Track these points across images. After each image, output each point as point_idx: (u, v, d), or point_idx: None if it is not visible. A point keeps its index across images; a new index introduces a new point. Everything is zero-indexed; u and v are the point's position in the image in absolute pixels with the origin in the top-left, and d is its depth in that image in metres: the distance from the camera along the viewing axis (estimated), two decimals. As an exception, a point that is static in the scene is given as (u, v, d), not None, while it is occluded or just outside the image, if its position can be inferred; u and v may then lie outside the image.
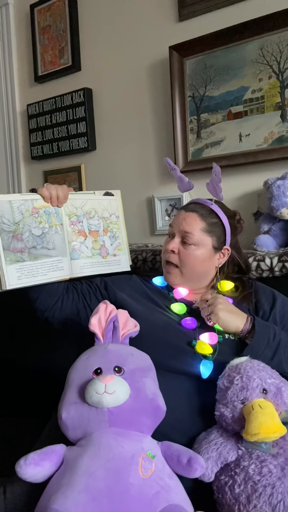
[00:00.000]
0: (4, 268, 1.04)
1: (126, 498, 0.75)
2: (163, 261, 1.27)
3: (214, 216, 1.23)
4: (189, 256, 1.20)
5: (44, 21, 2.24)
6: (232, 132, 1.71)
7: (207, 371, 1.04)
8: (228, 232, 1.24)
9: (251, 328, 1.07)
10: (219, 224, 1.23)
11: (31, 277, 1.08)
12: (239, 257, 1.31)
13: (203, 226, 1.20)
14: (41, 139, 2.31)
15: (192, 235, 1.19)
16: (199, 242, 1.20)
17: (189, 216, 1.22)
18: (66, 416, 0.87)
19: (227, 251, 1.26)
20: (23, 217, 1.08)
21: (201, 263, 1.21)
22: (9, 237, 1.06)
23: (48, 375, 1.41)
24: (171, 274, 1.23)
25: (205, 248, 1.21)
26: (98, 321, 1.00)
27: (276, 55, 1.58)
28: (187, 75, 1.79)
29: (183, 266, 1.21)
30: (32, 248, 1.09)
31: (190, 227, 1.20)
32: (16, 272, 1.06)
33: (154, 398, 0.89)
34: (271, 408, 0.90)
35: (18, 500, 0.93)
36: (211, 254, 1.22)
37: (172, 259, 1.22)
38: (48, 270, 1.11)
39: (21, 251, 1.07)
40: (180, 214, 1.25)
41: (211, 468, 0.89)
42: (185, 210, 1.25)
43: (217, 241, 1.22)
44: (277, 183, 1.52)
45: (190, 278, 1.23)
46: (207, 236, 1.21)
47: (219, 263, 1.26)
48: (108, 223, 1.24)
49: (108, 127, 2.10)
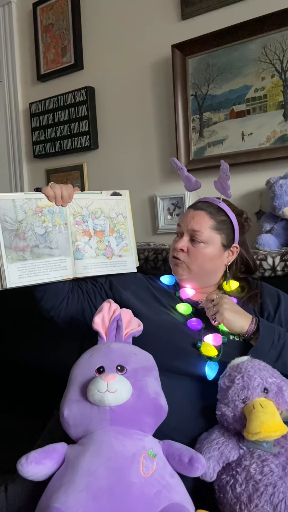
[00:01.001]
0: (5, 266, 1.04)
1: (127, 496, 0.75)
2: (170, 257, 1.27)
3: (222, 214, 1.23)
4: (199, 254, 1.20)
5: (47, 19, 2.24)
6: (234, 131, 1.71)
7: (212, 373, 1.04)
8: (236, 229, 1.24)
9: (256, 329, 1.07)
10: (227, 221, 1.23)
11: (32, 276, 1.08)
12: (247, 256, 1.31)
13: (212, 224, 1.21)
14: (43, 137, 2.31)
15: (201, 233, 1.19)
16: (208, 240, 1.20)
17: (198, 214, 1.22)
18: (68, 414, 0.87)
19: (236, 249, 1.26)
20: (26, 216, 1.08)
21: (210, 261, 1.21)
22: (11, 236, 1.05)
23: (50, 373, 1.41)
24: (180, 267, 1.23)
25: (214, 246, 1.21)
26: (101, 320, 1.00)
27: (279, 54, 1.58)
28: (189, 74, 1.78)
29: (191, 263, 1.21)
30: (35, 247, 1.09)
31: (198, 225, 1.20)
32: (18, 270, 1.05)
33: (156, 398, 0.89)
34: (272, 407, 0.90)
35: (19, 498, 0.93)
36: (220, 252, 1.22)
37: (181, 257, 1.22)
38: (50, 270, 1.10)
39: (23, 250, 1.07)
40: (188, 213, 1.25)
41: (213, 468, 0.89)
42: (193, 209, 1.25)
43: (226, 239, 1.23)
44: (280, 182, 1.52)
45: (198, 276, 1.23)
46: (216, 234, 1.21)
47: (228, 261, 1.26)
48: (114, 223, 1.23)
49: (111, 126, 2.09)
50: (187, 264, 1.22)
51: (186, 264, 1.22)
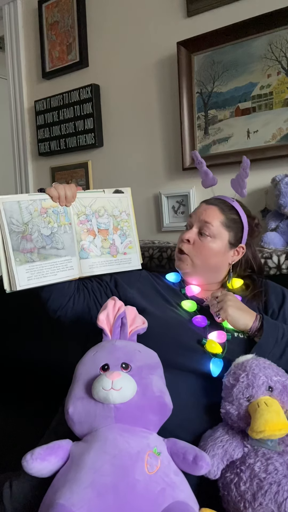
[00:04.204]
0: (14, 269, 1.04)
1: (132, 494, 0.75)
2: (176, 250, 1.28)
3: (234, 213, 1.24)
4: (204, 247, 1.21)
5: (52, 17, 2.24)
6: (240, 129, 1.70)
7: (217, 369, 1.04)
8: (246, 230, 1.25)
9: (260, 326, 1.07)
10: (238, 221, 1.24)
11: (41, 277, 1.08)
12: (253, 259, 1.31)
13: (222, 219, 1.22)
14: (48, 135, 2.31)
15: (211, 225, 1.20)
16: (216, 234, 1.21)
17: (210, 208, 1.24)
18: (72, 411, 0.87)
19: (242, 249, 1.26)
20: (31, 217, 1.08)
21: (214, 256, 1.22)
22: (19, 238, 1.06)
23: (55, 370, 1.41)
24: (183, 261, 1.24)
25: (221, 241, 1.21)
26: (106, 317, 1.00)
27: (285, 51, 1.57)
28: (195, 71, 1.78)
29: (195, 256, 1.22)
30: (42, 248, 1.09)
31: (210, 218, 1.21)
32: (26, 272, 1.06)
33: (160, 396, 0.89)
34: (277, 405, 0.89)
35: (24, 494, 0.93)
36: (226, 249, 1.23)
37: (185, 249, 1.23)
38: (57, 270, 1.11)
39: (30, 252, 1.07)
40: (201, 206, 1.27)
41: (217, 465, 0.89)
42: (206, 203, 1.26)
43: (234, 237, 1.23)
44: (285, 180, 1.52)
45: (201, 270, 1.23)
46: (225, 230, 1.22)
47: (233, 260, 1.26)
48: (118, 221, 1.23)
49: (116, 124, 2.09)
50: (191, 257, 1.22)
51: (190, 257, 1.22)
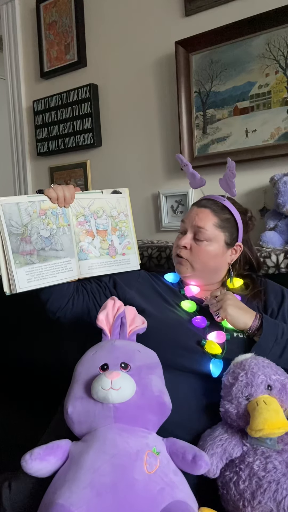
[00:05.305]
0: (14, 271, 1.04)
1: (131, 494, 0.75)
2: (173, 254, 1.27)
3: (226, 212, 1.23)
4: (201, 251, 1.20)
5: (50, 17, 2.24)
6: (238, 128, 1.70)
7: (217, 370, 1.04)
8: (240, 228, 1.24)
9: (259, 325, 1.07)
10: (231, 220, 1.23)
11: (40, 279, 1.08)
12: (251, 255, 1.31)
13: (215, 221, 1.21)
14: (47, 135, 2.31)
15: (205, 230, 1.19)
16: (212, 237, 1.20)
17: (202, 211, 1.22)
18: (72, 411, 0.87)
19: (240, 247, 1.26)
20: (31, 219, 1.08)
21: (213, 259, 1.21)
22: (18, 240, 1.06)
23: (54, 370, 1.41)
24: (183, 265, 1.23)
25: (217, 243, 1.21)
26: (105, 317, 1.01)
27: (283, 50, 1.57)
28: (193, 71, 1.78)
29: (194, 261, 1.21)
30: (41, 250, 1.09)
31: (202, 222, 1.20)
32: (26, 274, 1.06)
33: (160, 395, 0.89)
34: (276, 404, 0.90)
35: (23, 494, 0.93)
36: (223, 250, 1.22)
37: (183, 254, 1.22)
38: (57, 272, 1.11)
39: (30, 254, 1.07)
40: (192, 210, 1.25)
41: (216, 464, 0.89)
42: (197, 206, 1.25)
43: (230, 237, 1.23)
44: (284, 179, 1.52)
45: (201, 273, 1.23)
46: (219, 232, 1.21)
47: (231, 259, 1.26)
48: (116, 221, 1.23)
49: (114, 123, 2.09)
50: (190, 261, 1.22)
51: (189, 262, 1.22)
